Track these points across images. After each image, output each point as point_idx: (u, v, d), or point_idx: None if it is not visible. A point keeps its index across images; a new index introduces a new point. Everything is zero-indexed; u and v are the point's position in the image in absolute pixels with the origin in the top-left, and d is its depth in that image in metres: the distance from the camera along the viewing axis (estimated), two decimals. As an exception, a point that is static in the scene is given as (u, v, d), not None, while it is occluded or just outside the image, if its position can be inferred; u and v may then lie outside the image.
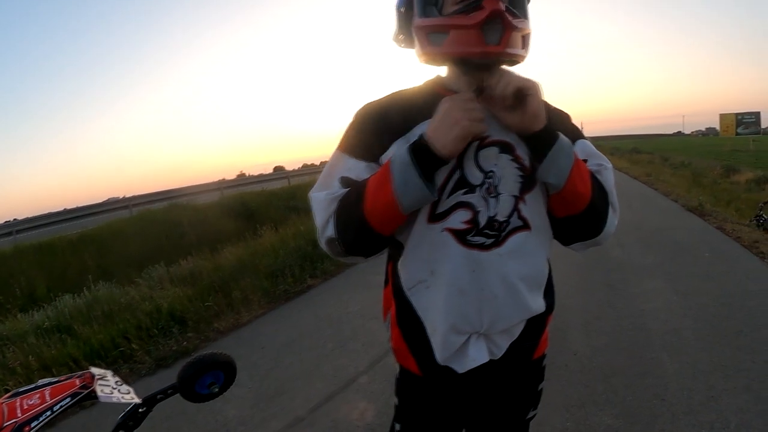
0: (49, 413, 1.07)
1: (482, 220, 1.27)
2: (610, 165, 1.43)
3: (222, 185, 20.75)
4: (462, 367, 1.36)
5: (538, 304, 1.41)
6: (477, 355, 1.35)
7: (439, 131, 1.17)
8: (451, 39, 1.20)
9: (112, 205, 17.93)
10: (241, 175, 37.50)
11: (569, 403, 3.32)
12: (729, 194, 14.54)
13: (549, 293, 1.47)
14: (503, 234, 1.29)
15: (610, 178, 1.40)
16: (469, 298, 1.31)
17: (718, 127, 54.76)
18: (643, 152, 41.95)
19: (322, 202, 1.32)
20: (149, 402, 1.25)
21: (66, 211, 17.40)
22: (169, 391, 1.31)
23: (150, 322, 5.52)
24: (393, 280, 1.45)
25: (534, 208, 1.32)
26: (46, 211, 17.66)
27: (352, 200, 1.26)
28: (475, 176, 1.27)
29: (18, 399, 1.10)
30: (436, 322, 1.36)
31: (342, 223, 1.28)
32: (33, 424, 1.04)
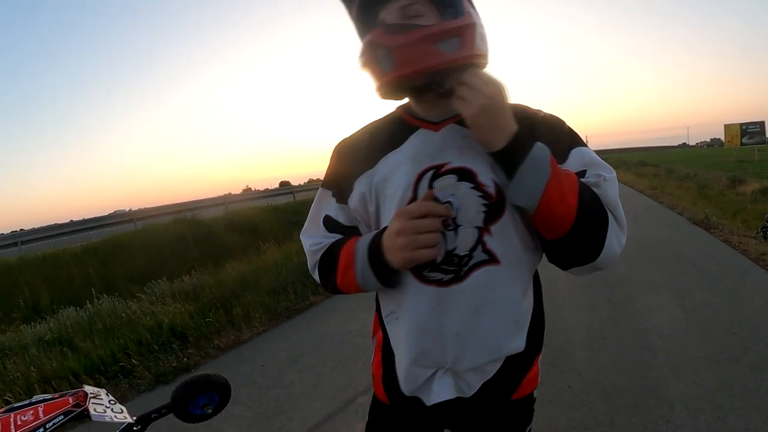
0: (42, 430, 1.09)
1: (439, 255, 1.19)
2: (613, 174, 1.25)
3: (227, 200, 20.82)
4: (428, 400, 1.30)
5: (515, 344, 1.27)
6: (441, 391, 1.28)
7: (390, 249, 1.16)
8: (372, 81, 1.19)
9: (117, 219, 18.01)
10: (247, 190, 37.71)
11: (572, 425, 3.27)
12: (735, 205, 14.46)
13: (534, 331, 1.32)
14: (465, 269, 1.20)
15: (612, 190, 1.22)
16: (429, 336, 1.24)
17: (722, 138, 54.81)
18: (648, 165, 41.88)
19: (308, 251, 1.42)
20: (143, 421, 1.27)
21: (72, 223, 17.51)
22: (163, 411, 1.33)
23: (151, 337, 5.53)
24: (376, 306, 1.44)
25: (504, 239, 1.20)
26: (52, 222, 17.77)
27: (328, 266, 1.35)
28: None
29: (12, 414, 1.11)
30: (401, 354, 1.32)
31: (323, 279, 1.39)
32: None
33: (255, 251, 10.10)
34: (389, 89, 1.17)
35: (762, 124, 47.10)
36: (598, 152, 1.33)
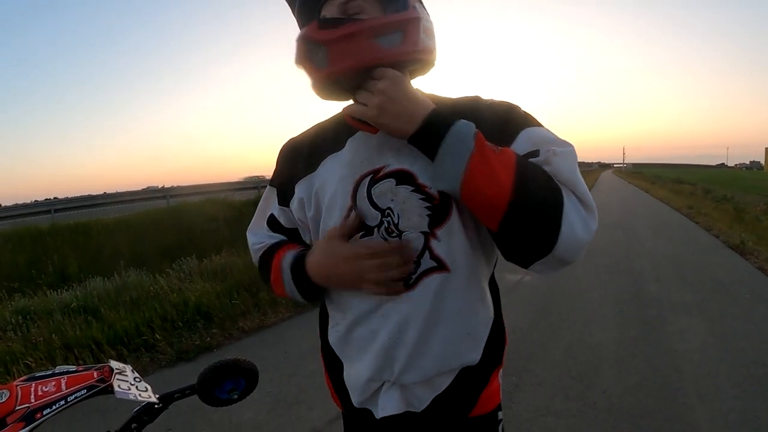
0: (63, 403, 1.06)
1: None
2: (568, 148, 1.07)
3: (260, 183, 20.88)
4: (377, 413, 1.24)
5: (468, 357, 1.20)
6: (387, 405, 1.22)
7: (323, 276, 1.19)
8: (309, 78, 1.13)
9: (150, 194, 18.18)
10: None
11: (595, 443, 3.19)
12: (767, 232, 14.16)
13: (493, 343, 1.24)
14: (413, 277, 1.13)
15: (566, 164, 1.04)
16: (376, 345, 1.18)
17: (762, 161, 54.25)
18: (685, 183, 41.26)
19: (251, 249, 1.45)
20: (166, 399, 1.25)
21: (105, 195, 17.71)
22: (187, 392, 1.30)
23: (176, 314, 5.58)
24: (320, 311, 1.40)
25: (452, 245, 1.12)
26: (86, 193, 18.01)
27: (264, 271, 1.37)
28: (371, 216, 1.15)
29: (33, 384, 1.08)
30: (349, 364, 1.28)
31: (264, 280, 1.40)
32: (45, 412, 1.03)
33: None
34: (323, 87, 1.12)
35: (806, 149, 46.35)
36: (634, 166, 1.17)
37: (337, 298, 1.26)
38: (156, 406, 1.22)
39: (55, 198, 18.22)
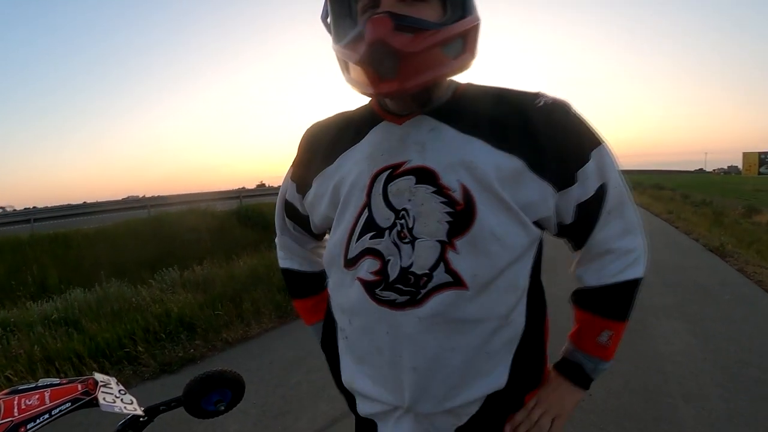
0: (47, 416, 1.04)
1: (392, 272, 1.03)
2: (624, 188, 1.11)
3: (242, 193, 20.79)
4: None
5: (493, 382, 1.08)
6: None
7: None
8: (351, 75, 1.00)
9: (130, 204, 18.04)
10: (261, 185, 37.75)
11: (582, 446, 3.19)
12: (750, 235, 14.30)
13: (524, 363, 1.12)
14: (423, 291, 1.01)
15: (630, 214, 1.14)
16: (387, 363, 1.07)
17: (740, 166, 55.05)
18: (665, 188, 41.71)
19: (278, 247, 1.51)
20: (151, 412, 1.22)
21: (85, 205, 17.56)
22: (173, 404, 1.28)
23: (158, 325, 5.52)
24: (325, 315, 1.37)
25: (474, 259, 1.00)
26: (66, 203, 17.86)
27: (291, 291, 1.50)
28: (383, 216, 1.04)
29: (16, 397, 1.06)
30: (354, 379, 1.18)
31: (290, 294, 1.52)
32: (29, 426, 1.01)
33: (267, 247, 10.07)
34: (383, 98, 1.06)
35: (782, 153, 47.11)
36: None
37: (341, 305, 1.18)
38: (141, 419, 1.19)
39: (34, 207, 18.05)
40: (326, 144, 1.19)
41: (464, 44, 0.96)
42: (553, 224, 1.11)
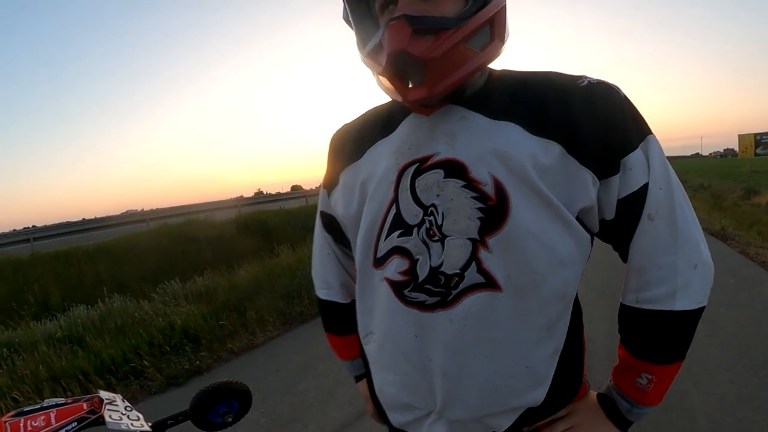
0: None
1: (421, 272, 0.97)
2: (681, 190, 1.00)
3: (240, 202, 20.83)
4: None
5: (528, 396, 1.01)
6: None
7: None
8: (381, 81, 0.97)
9: (129, 218, 18.06)
10: (259, 193, 37.88)
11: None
12: (750, 217, 14.26)
13: (563, 378, 1.05)
14: (454, 292, 0.95)
15: (683, 222, 0.98)
16: (415, 368, 1.02)
17: (736, 148, 54.96)
18: (663, 175, 41.90)
19: (315, 275, 1.44)
20: (158, 427, 1.21)
21: (84, 221, 17.59)
22: (180, 418, 1.26)
23: (163, 338, 5.50)
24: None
25: (508, 258, 0.93)
26: (65, 220, 17.91)
27: (324, 321, 1.45)
28: (411, 213, 0.98)
29: (22, 419, 1.04)
30: (384, 383, 1.12)
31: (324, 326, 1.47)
32: None
33: (268, 254, 10.10)
34: (412, 104, 0.99)
35: (777, 134, 47.16)
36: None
37: (368, 309, 1.12)
38: (149, 433, 1.17)
39: (33, 226, 18.05)
40: (354, 139, 1.15)
41: (491, 32, 0.92)
42: (596, 220, 1.00)
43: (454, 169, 0.94)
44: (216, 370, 5.03)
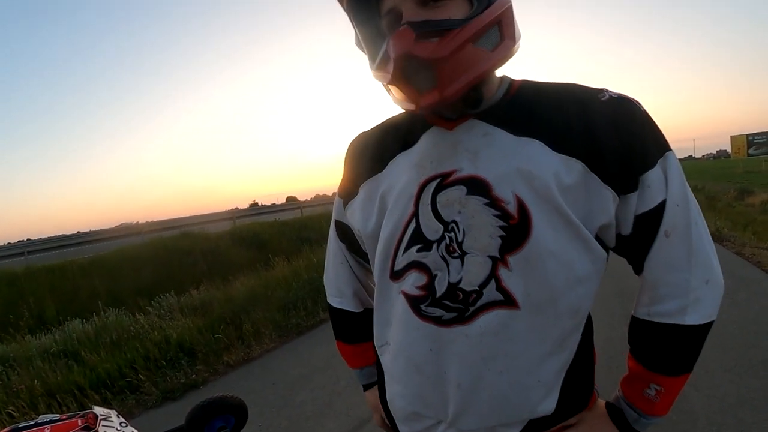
0: None
1: (440, 288, 0.96)
2: (699, 211, 0.99)
3: (235, 214, 20.77)
4: None
5: (540, 407, 1.00)
6: None
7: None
8: (394, 94, 0.96)
9: (124, 231, 18.01)
10: (254, 205, 37.83)
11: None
12: (745, 217, 14.25)
13: (572, 388, 1.04)
14: (472, 309, 0.94)
15: (699, 241, 0.98)
16: (428, 380, 1.02)
17: (729, 150, 54.99)
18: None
19: (327, 283, 1.39)
20: None
21: (79, 235, 17.54)
22: None
23: (158, 352, 5.49)
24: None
25: (528, 277, 0.93)
26: (60, 233, 17.85)
27: (335, 328, 1.40)
28: (431, 229, 0.97)
29: None
30: (397, 392, 1.12)
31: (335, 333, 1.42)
32: None
33: (263, 266, 10.07)
34: (426, 111, 0.95)
35: (768, 134, 47.34)
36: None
37: (384, 320, 1.11)
38: (145, 450, 1.17)
39: (28, 240, 17.99)
40: (374, 150, 1.13)
41: (500, 31, 0.90)
42: (613, 235, 1.00)
43: (476, 186, 0.93)
44: (212, 383, 5.02)
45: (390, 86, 0.94)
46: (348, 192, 1.18)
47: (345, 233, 1.26)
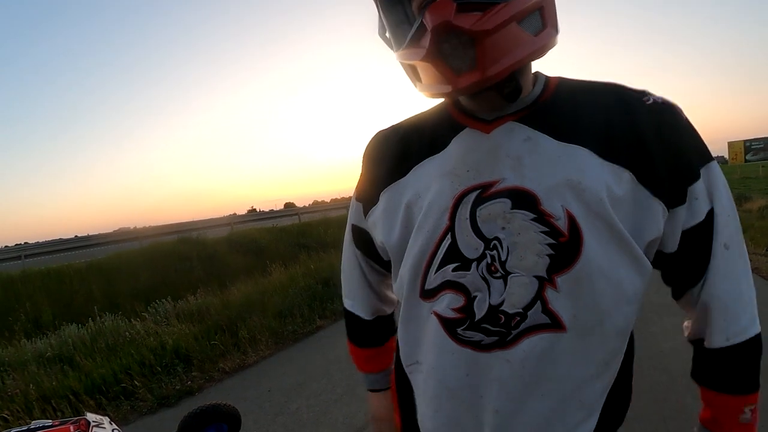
0: None
1: (479, 310, 0.88)
2: (736, 221, 0.95)
3: (233, 220, 20.75)
4: None
5: (581, 428, 0.93)
6: None
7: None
8: (422, 79, 0.88)
9: (121, 236, 17.98)
10: (252, 211, 37.83)
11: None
12: (742, 223, 14.21)
13: (613, 407, 0.98)
14: (514, 333, 0.87)
15: (742, 270, 0.93)
16: (462, 404, 0.94)
17: (726, 156, 54.82)
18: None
19: (344, 285, 1.33)
20: None
21: (76, 239, 17.52)
22: None
23: (154, 358, 5.45)
24: (396, 346, 1.15)
25: (577, 298, 0.86)
26: (57, 237, 17.85)
27: (348, 332, 1.34)
28: (470, 246, 0.89)
29: None
30: (427, 415, 1.02)
31: (348, 337, 1.36)
32: None
33: (260, 273, 10.04)
34: (464, 94, 0.87)
35: (766, 140, 47.25)
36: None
37: (414, 339, 1.02)
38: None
39: (25, 243, 17.97)
40: (396, 152, 1.03)
41: (542, 17, 0.82)
42: (653, 252, 0.95)
43: (522, 199, 0.85)
44: (207, 390, 5.00)
45: (421, 67, 0.86)
46: (368, 197, 1.10)
47: (361, 238, 1.19)
